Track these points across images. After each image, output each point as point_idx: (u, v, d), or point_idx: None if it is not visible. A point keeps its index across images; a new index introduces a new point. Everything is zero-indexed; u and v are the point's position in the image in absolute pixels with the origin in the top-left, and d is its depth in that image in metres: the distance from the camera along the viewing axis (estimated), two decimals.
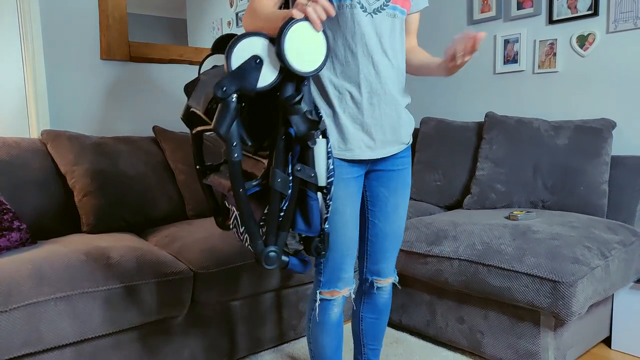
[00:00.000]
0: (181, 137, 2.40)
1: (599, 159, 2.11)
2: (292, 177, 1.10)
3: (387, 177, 1.37)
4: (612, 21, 2.24)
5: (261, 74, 1.03)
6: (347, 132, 1.26)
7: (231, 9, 3.21)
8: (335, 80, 1.25)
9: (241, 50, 1.02)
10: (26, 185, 1.92)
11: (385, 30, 1.25)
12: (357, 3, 1.21)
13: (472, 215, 2.09)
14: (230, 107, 1.01)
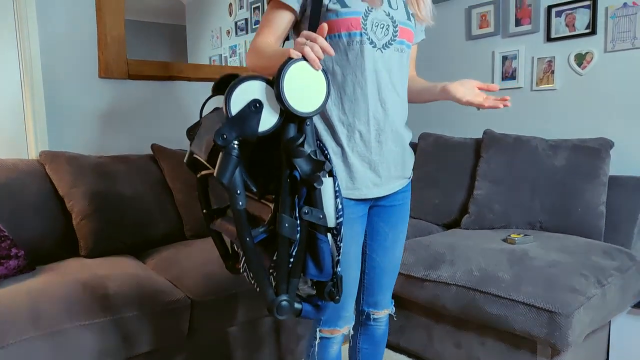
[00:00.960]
0: (180, 155, 2.40)
1: (596, 180, 2.11)
2: (300, 220, 1.06)
3: (388, 212, 1.37)
4: (609, 40, 2.24)
5: (262, 117, 1.01)
6: (355, 171, 1.26)
7: (230, 18, 3.21)
8: (343, 118, 1.24)
9: (240, 94, 1.00)
10: (25, 209, 1.92)
11: (394, 64, 1.26)
12: (367, 39, 1.21)
13: (469, 237, 2.09)
14: (232, 155, 0.99)
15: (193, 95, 2.67)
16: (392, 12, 1.25)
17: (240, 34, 3.20)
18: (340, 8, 1.20)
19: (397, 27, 1.24)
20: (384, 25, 1.23)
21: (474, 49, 2.77)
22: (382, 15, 1.23)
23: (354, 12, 1.20)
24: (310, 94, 1.01)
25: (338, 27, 1.21)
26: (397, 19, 1.25)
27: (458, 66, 2.84)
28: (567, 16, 2.36)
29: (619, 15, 2.19)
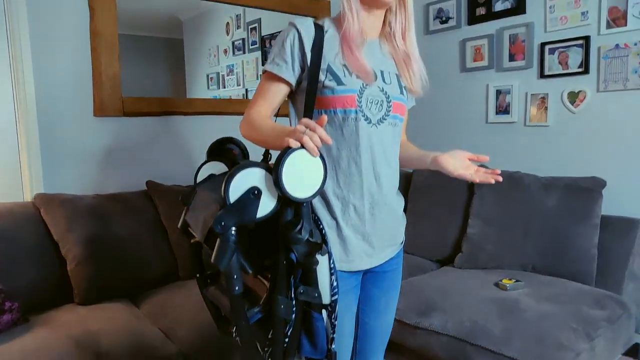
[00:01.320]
0: (175, 191, 2.41)
1: (588, 222, 2.13)
2: (295, 300, 1.07)
3: (381, 278, 1.38)
4: (602, 80, 2.25)
5: (260, 203, 1.03)
6: (349, 244, 1.26)
7: (227, 37, 3.23)
8: (338, 192, 1.25)
9: (238, 182, 1.01)
10: (20, 255, 1.94)
11: (388, 139, 1.27)
12: (362, 115, 1.22)
13: (462, 280, 2.11)
14: (230, 242, 1.00)
15: (188, 129, 2.68)
16: (386, 87, 1.26)
17: (237, 54, 3.21)
18: (337, 85, 1.21)
19: (390, 102, 1.26)
20: (378, 101, 1.24)
21: (469, 81, 2.78)
22: (377, 91, 1.24)
23: (349, 90, 1.21)
24: (307, 180, 1.03)
25: (334, 103, 1.22)
26: (390, 94, 1.26)
27: (452, 97, 2.85)
28: (560, 54, 2.37)
29: (611, 56, 2.20)
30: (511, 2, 2.53)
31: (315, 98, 1.23)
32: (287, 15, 3.08)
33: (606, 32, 2.20)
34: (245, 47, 3.19)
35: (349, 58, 1.22)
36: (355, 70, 1.22)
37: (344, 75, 1.21)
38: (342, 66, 1.22)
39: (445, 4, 2.84)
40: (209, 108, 2.75)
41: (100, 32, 2.30)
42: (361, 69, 1.22)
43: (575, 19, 2.30)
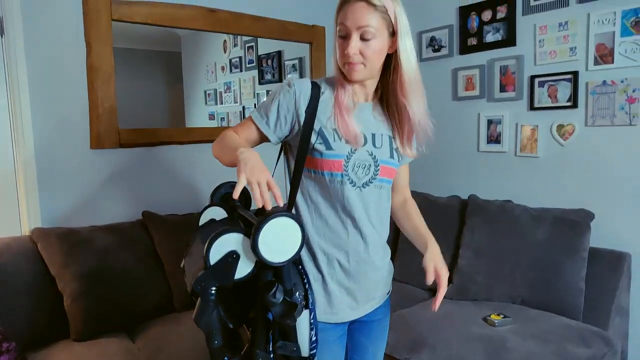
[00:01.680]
0: (170, 221, 2.45)
1: (577, 255, 2.16)
2: (273, 354, 1.13)
3: (368, 327, 1.42)
4: (590, 115, 2.29)
5: (238, 266, 1.08)
6: (333, 297, 1.31)
7: (225, 55, 3.27)
8: (325, 247, 1.30)
9: (218, 246, 1.07)
10: (17, 292, 1.97)
11: (372, 201, 1.30)
12: (348, 179, 1.26)
13: (452, 313, 2.14)
14: (209, 301, 1.07)
15: (184, 158, 2.72)
16: (376, 151, 1.29)
17: (234, 72, 3.26)
18: (325, 150, 1.25)
19: (378, 166, 1.29)
20: (365, 165, 1.27)
21: (460, 109, 2.82)
22: (365, 155, 1.27)
23: (337, 155, 1.25)
24: (284, 245, 1.07)
25: (321, 166, 1.26)
26: (379, 158, 1.29)
27: (445, 125, 2.89)
28: (550, 87, 2.41)
29: (599, 92, 2.24)
30: (502, 34, 2.57)
31: (306, 157, 1.27)
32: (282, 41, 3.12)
33: (594, 68, 2.24)
34: (242, 65, 3.24)
35: (340, 123, 1.25)
36: (345, 135, 1.25)
37: (333, 140, 1.25)
38: (332, 130, 1.26)
39: (437, 32, 2.88)
40: (205, 136, 2.78)
41: (96, 67, 2.34)
42: (350, 134, 1.25)
43: (564, 54, 2.34)
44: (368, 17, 1.17)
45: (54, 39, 2.24)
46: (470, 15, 2.70)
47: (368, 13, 1.17)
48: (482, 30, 2.65)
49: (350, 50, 1.18)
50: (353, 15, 1.18)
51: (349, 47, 1.18)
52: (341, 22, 1.19)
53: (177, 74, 3.17)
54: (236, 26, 2.83)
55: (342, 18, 1.19)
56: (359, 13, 1.17)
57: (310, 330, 1.20)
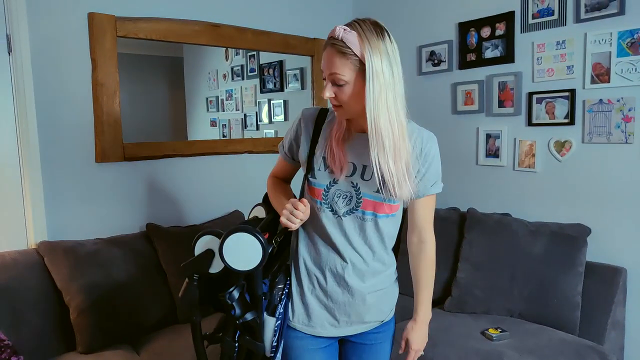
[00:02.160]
0: (173, 233, 2.49)
1: (573, 270, 2.21)
2: (238, 344, 1.35)
3: (360, 349, 1.45)
4: (587, 132, 2.33)
5: (213, 263, 1.32)
6: (311, 310, 1.39)
7: (227, 62, 3.31)
8: (308, 263, 1.39)
9: (201, 243, 1.34)
10: (24, 306, 2.01)
11: (352, 229, 1.33)
12: (327, 207, 1.33)
13: (451, 327, 2.18)
14: (192, 283, 1.33)
15: (187, 171, 2.76)
16: (362, 183, 1.29)
17: (236, 79, 3.30)
18: (311, 178, 1.35)
19: (360, 199, 1.30)
20: (347, 196, 1.31)
21: (460, 123, 2.86)
22: (347, 186, 1.31)
23: (318, 184, 1.34)
24: (246, 257, 1.25)
25: (310, 190, 1.36)
26: (363, 190, 1.29)
27: (444, 138, 2.89)
28: (547, 104, 2.45)
29: (596, 110, 2.28)
30: (500, 51, 2.62)
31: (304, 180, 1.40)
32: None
33: (591, 86, 2.29)
34: (243, 73, 3.28)
35: (329, 152, 1.32)
36: (330, 164, 1.31)
37: (318, 169, 1.34)
38: (322, 159, 1.34)
39: (436, 47, 2.92)
40: (208, 149, 2.83)
41: (101, 82, 2.38)
42: (336, 163, 1.29)
43: (561, 72, 2.38)
44: (338, 64, 1.15)
45: (60, 55, 2.28)
46: (470, 32, 2.74)
47: (338, 60, 1.15)
48: (481, 46, 2.69)
49: (324, 94, 1.20)
50: (326, 61, 1.18)
51: (324, 90, 1.21)
52: (321, 67, 1.23)
53: (179, 79, 3.21)
54: (239, 41, 2.88)
55: (322, 62, 1.21)
56: (330, 60, 1.17)
57: (273, 336, 1.35)
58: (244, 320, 1.30)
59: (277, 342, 1.34)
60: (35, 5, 2.19)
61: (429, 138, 1.33)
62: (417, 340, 1.43)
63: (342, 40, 1.14)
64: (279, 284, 1.39)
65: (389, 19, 3.21)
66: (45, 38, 2.24)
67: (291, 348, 1.39)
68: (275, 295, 1.38)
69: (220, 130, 3.32)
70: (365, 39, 1.14)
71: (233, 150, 2.94)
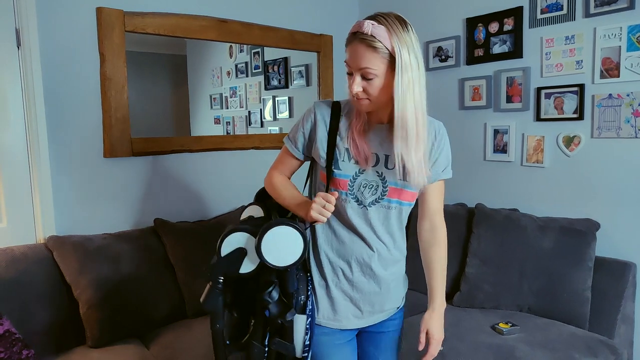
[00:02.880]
0: (181, 228, 2.49)
1: (583, 265, 2.20)
2: (268, 348, 1.28)
3: (377, 338, 1.47)
4: (596, 127, 2.33)
5: (244, 262, 1.25)
6: (337, 304, 1.38)
7: (231, 60, 3.30)
8: (331, 256, 1.37)
9: (230, 241, 1.26)
10: (34, 300, 2.01)
11: (377, 219, 1.34)
12: (352, 198, 1.33)
13: (460, 322, 2.18)
14: (216, 288, 1.25)
15: (195, 166, 2.76)
16: (386, 172, 1.32)
17: (240, 76, 3.29)
18: (335, 170, 1.33)
19: (386, 187, 1.32)
20: (373, 186, 1.32)
21: (467, 118, 2.86)
22: (373, 176, 1.33)
23: (343, 175, 1.33)
24: (286, 252, 1.21)
25: (335, 183, 1.34)
26: (388, 179, 1.32)
27: (451, 133, 2.89)
28: (556, 99, 2.45)
29: (605, 105, 2.28)
30: (508, 46, 2.61)
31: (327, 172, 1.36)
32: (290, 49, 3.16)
33: (600, 81, 2.28)
34: (248, 70, 3.27)
35: (352, 144, 1.32)
36: (355, 156, 1.32)
37: (342, 160, 1.33)
38: (345, 150, 1.33)
39: (444, 42, 2.92)
40: (215, 145, 2.82)
41: (110, 77, 2.38)
42: (361, 155, 1.31)
43: (570, 67, 2.38)
44: (369, 58, 1.17)
45: (68, 50, 2.28)
46: (477, 27, 2.74)
47: (369, 54, 1.17)
48: (489, 41, 2.68)
49: (353, 89, 1.22)
50: (355, 56, 1.20)
51: (352, 85, 1.22)
52: (345, 62, 1.24)
53: (182, 77, 3.20)
54: (246, 36, 2.88)
55: (347, 56, 1.23)
56: (360, 54, 1.18)
57: (305, 334, 1.30)
58: (283, 320, 1.24)
59: (309, 340, 1.30)
60: (44, 0, 2.19)
61: (440, 125, 1.41)
62: (439, 329, 1.42)
63: (372, 35, 1.16)
64: (301, 282, 1.35)
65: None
66: (54, 32, 2.23)
67: (318, 344, 1.37)
68: (301, 291, 1.33)
69: (224, 128, 3.31)
70: (394, 32, 1.16)
71: (240, 146, 2.93)
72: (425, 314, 1.43)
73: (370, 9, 3.36)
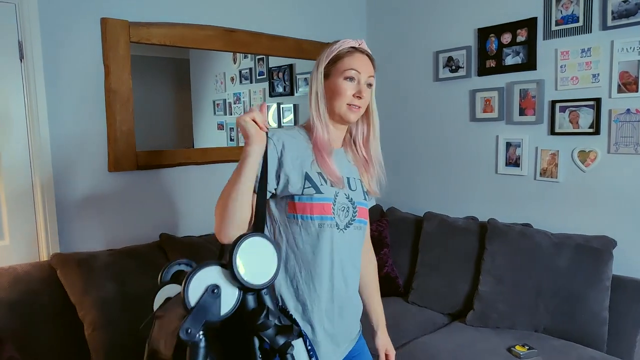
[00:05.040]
0: (187, 243, 2.43)
1: (600, 285, 2.15)
2: None
3: None
4: (613, 143, 2.28)
5: (222, 300, 1.03)
6: (321, 347, 1.32)
7: (234, 65, 3.25)
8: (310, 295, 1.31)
9: (196, 284, 1.00)
10: (38, 321, 1.95)
11: (354, 242, 1.36)
12: (334, 223, 1.30)
13: (474, 342, 2.13)
14: (200, 347, 1.00)
15: (200, 179, 2.70)
16: (352, 193, 1.36)
17: (244, 82, 3.24)
18: (315, 193, 1.28)
19: (356, 207, 1.35)
20: (345, 207, 1.33)
21: (478, 130, 2.80)
22: (344, 198, 1.33)
23: (326, 199, 1.29)
24: (262, 266, 1.05)
25: (311, 209, 1.28)
26: (355, 200, 1.35)
27: (462, 145, 2.87)
28: (571, 113, 2.39)
29: (622, 120, 2.23)
30: (522, 58, 2.56)
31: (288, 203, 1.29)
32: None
33: (617, 96, 2.23)
34: (252, 76, 3.22)
35: (324, 165, 1.30)
36: (330, 177, 1.30)
37: (321, 184, 1.28)
38: (317, 174, 1.29)
39: (454, 53, 2.87)
40: (221, 157, 2.77)
41: (114, 89, 2.32)
42: (334, 175, 1.30)
43: (586, 80, 2.33)
44: (372, 68, 1.35)
45: (72, 62, 2.22)
46: (489, 37, 2.68)
47: (371, 65, 1.35)
48: (502, 52, 2.63)
49: (363, 93, 1.30)
50: (365, 64, 1.32)
51: (362, 90, 1.30)
52: (350, 68, 1.30)
53: (185, 81, 3.15)
54: (254, 46, 2.82)
55: (350, 64, 1.30)
56: (368, 65, 1.33)
57: (309, 358, 1.21)
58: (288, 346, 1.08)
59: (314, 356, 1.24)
60: (48, 11, 2.13)
61: None
62: (392, 346, 1.54)
63: (369, 52, 1.35)
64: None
65: (405, 23, 3.16)
66: (57, 44, 2.18)
67: None
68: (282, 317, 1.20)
69: (228, 134, 3.26)
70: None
71: None
72: (379, 335, 1.52)
73: (378, 17, 3.31)
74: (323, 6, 3.16)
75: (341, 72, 1.30)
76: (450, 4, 2.88)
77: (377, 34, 3.35)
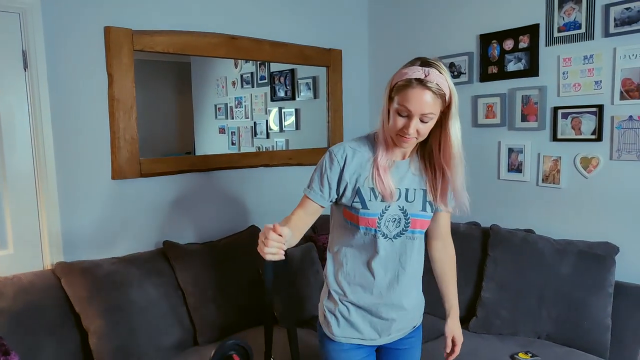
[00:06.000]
0: (190, 251, 2.44)
1: (602, 291, 2.15)
2: None
3: (395, 354, 1.54)
4: (615, 149, 2.28)
5: None
6: (357, 327, 1.45)
7: (236, 70, 3.26)
8: (351, 287, 1.45)
9: None
10: (43, 332, 1.96)
11: (404, 250, 1.41)
12: (380, 234, 1.37)
13: (477, 349, 2.13)
14: None
15: (204, 185, 2.71)
16: (407, 205, 1.39)
17: (245, 87, 3.25)
18: (361, 208, 1.36)
19: (409, 219, 1.39)
20: (396, 219, 1.38)
21: (480, 136, 2.81)
22: (396, 210, 1.38)
23: (372, 214, 1.36)
24: None
25: (357, 220, 1.38)
26: (410, 212, 1.40)
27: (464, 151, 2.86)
28: (574, 119, 2.40)
29: (625, 127, 2.23)
30: (524, 64, 2.56)
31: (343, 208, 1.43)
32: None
33: (620, 102, 2.23)
34: (253, 81, 3.23)
35: (378, 182, 1.36)
36: (381, 192, 1.36)
37: (369, 200, 1.36)
38: (370, 190, 1.37)
39: (457, 59, 2.87)
40: (223, 163, 2.77)
41: (118, 98, 2.33)
42: (386, 191, 1.35)
43: (588, 87, 2.33)
44: (433, 104, 1.27)
45: (76, 71, 2.23)
46: (491, 44, 2.68)
47: (433, 101, 1.27)
48: (504, 59, 2.63)
49: (410, 131, 1.28)
50: (418, 102, 1.25)
51: (409, 127, 1.28)
52: (403, 104, 1.27)
53: (186, 84, 3.15)
54: (257, 53, 2.83)
55: (404, 100, 1.27)
56: (424, 101, 1.25)
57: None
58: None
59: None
60: (51, 21, 2.14)
61: None
62: (460, 332, 1.60)
63: (437, 84, 1.26)
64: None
65: (407, 29, 3.16)
66: (61, 53, 2.18)
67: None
68: None
69: (230, 138, 3.27)
70: (448, 78, 1.30)
71: (249, 164, 2.88)
72: (449, 322, 1.59)
73: (380, 24, 3.31)
74: (325, 12, 3.17)
75: (397, 104, 1.29)
76: (452, 10, 2.89)
77: (379, 40, 3.35)
